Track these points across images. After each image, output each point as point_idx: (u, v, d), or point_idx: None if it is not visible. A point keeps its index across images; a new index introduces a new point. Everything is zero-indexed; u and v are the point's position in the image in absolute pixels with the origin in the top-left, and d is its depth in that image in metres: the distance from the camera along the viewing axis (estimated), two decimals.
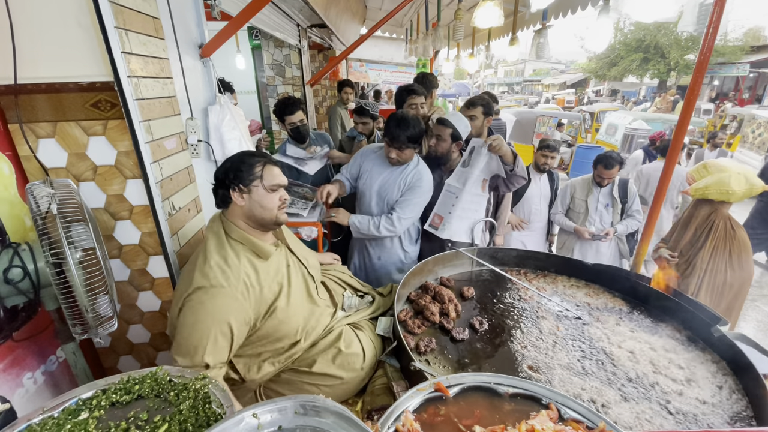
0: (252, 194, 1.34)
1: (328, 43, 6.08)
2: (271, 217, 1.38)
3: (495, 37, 5.44)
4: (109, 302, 1.27)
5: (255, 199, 1.34)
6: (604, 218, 3.15)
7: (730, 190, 2.21)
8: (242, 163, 1.34)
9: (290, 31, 4.20)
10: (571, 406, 0.80)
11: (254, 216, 1.36)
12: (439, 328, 1.58)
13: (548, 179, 3.31)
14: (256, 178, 1.34)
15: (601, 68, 22.43)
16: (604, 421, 0.75)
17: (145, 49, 1.49)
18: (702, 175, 2.33)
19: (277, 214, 1.39)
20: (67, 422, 0.75)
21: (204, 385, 0.83)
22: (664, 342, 1.48)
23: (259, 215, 1.36)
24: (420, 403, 0.81)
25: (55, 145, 1.40)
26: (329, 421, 0.69)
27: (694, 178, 2.38)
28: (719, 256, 2.38)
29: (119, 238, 1.56)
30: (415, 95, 2.66)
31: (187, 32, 1.91)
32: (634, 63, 20.00)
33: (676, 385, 1.24)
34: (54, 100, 1.35)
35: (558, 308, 1.71)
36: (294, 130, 2.67)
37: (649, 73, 20.47)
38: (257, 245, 1.35)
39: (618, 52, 20.76)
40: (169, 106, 1.66)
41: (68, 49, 1.31)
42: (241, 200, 1.34)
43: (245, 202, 1.34)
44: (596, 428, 0.75)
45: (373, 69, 10.35)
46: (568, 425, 0.73)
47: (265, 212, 1.36)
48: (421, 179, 2.15)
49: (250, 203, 1.34)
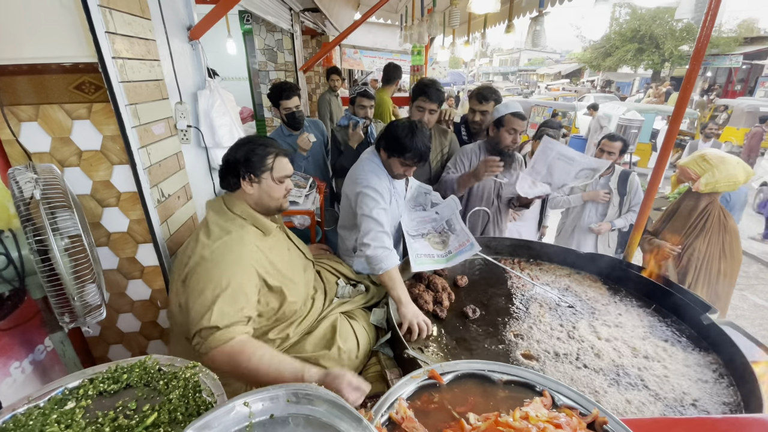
0: (261, 184, 1.37)
1: (321, 28, 5.95)
2: (277, 205, 1.43)
3: (491, 25, 5.38)
4: (97, 291, 1.24)
5: (264, 188, 1.38)
6: (599, 209, 3.14)
7: (737, 182, 2.22)
8: (254, 153, 1.35)
9: (282, 15, 4.10)
10: (564, 393, 0.80)
11: (261, 203, 1.40)
12: (433, 316, 1.58)
13: None
14: (267, 170, 1.37)
15: (596, 58, 22.34)
16: (597, 407, 0.75)
17: (131, 30, 1.43)
18: (702, 167, 2.30)
19: (282, 201, 1.44)
20: (53, 412, 0.73)
21: (194, 374, 0.81)
22: (655, 330, 1.50)
23: (266, 203, 1.41)
24: (414, 391, 0.80)
25: (38, 129, 1.35)
26: (322, 409, 0.68)
27: (695, 172, 2.35)
28: (714, 245, 2.40)
29: (107, 226, 1.53)
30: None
31: (175, 13, 1.85)
32: (629, 53, 19.96)
33: (666, 372, 1.26)
34: (36, 82, 1.30)
35: (551, 297, 1.72)
36: (289, 116, 2.62)
37: (644, 64, 20.46)
38: (260, 220, 1.39)
39: (613, 42, 20.68)
40: (157, 90, 1.61)
41: (50, 28, 1.25)
42: (250, 188, 1.37)
43: (254, 191, 1.38)
44: (589, 414, 0.75)
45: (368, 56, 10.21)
46: (561, 412, 0.73)
47: (272, 201, 1.41)
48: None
49: (259, 192, 1.38)
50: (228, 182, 1.38)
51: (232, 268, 1.22)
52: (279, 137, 2.77)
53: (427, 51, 6.48)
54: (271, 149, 1.38)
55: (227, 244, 1.26)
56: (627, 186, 3.06)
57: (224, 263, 1.22)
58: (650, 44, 19.45)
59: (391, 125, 1.76)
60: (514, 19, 4.48)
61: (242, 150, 1.35)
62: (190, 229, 1.86)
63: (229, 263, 1.22)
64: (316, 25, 5.62)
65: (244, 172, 1.34)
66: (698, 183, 2.35)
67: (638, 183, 3.07)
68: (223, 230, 1.29)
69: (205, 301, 1.16)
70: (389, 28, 9.68)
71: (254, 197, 1.38)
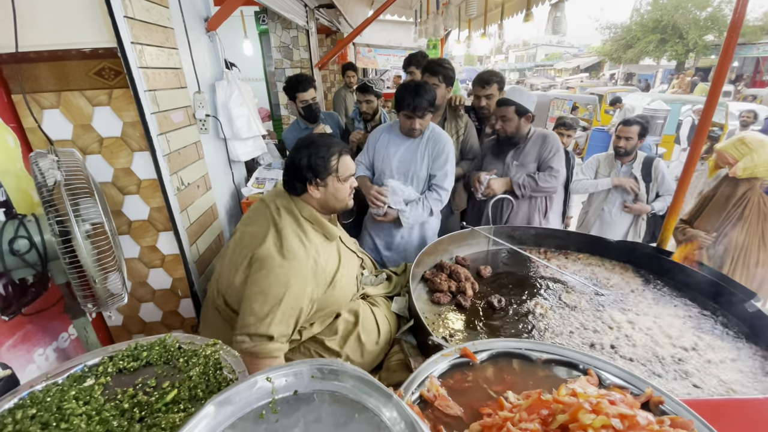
0: (328, 187, 1.35)
1: (335, 26, 5.95)
2: (342, 206, 1.41)
3: (508, 15, 5.26)
4: (120, 279, 1.24)
5: (330, 191, 1.36)
6: (624, 198, 3.02)
7: None
8: (318, 156, 1.31)
9: (298, 11, 4.10)
10: (612, 372, 0.74)
11: (327, 205, 1.38)
12: (456, 306, 1.52)
13: (564, 160, 3.18)
14: (332, 172, 1.33)
15: (616, 51, 21.69)
16: (651, 386, 0.68)
17: (149, 16, 1.43)
18: (742, 151, 2.17)
19: (348, 201, 1.42)
20: (71, 388, 0.72)
21: (215, 351, 0.78)
22: (694, 319, 1.40)
23: (333, 205, 1.39)
24: (445, 370, 0.75)
25: (60, 116, 1.36)
26: (348, 385, 0.64)
27: (733, 156, 2.22)
28: (753, 234, 2.26)
29: (128, 214, 1.53)
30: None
31: (192, 3, 1.85)
32: (651, 44, 19.30)
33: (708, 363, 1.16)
34: (57, 68, 1.30)
35: (581, 286, 1.63)
36: (306, 108, 2.61)
37: (667, 55, 19.77)
38: (327, 227, 1.37)
39: (634, 33, 20.06)
40: (175, 78, 1.61)
41: (69, 14, 1.26)
42: (317, 192, 1.35)
43: (321, 195, 1.35)
44: (642, 394, 0.68)
45: (382, 54, 10.17)
46: (612, 391, 0.66)
47: (338, 203, 1.39)
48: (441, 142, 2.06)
49: (326, 195, 1.36)
50: (294, 187, 1.35)
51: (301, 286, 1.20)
52: (295, 131, 2.76)
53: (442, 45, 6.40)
54: (333, 149, 1.34)
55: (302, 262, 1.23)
56: (652, 172, 2.94)
57: (296, 278, 1.20)
58: (673, 34, 18.77)
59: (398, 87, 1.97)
60: (532, 8, 4.36)
61: (305, 153, 1.31)
62: (210, 218, 1.86)
63: (300, 280, 1.20)
64: (330, 23, 5.62)
65: (311, 177, 1.31)
66: (736, 167, 2.22)
67: (664, 168, 2.93)
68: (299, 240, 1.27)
69: (265, 304, 1.16)
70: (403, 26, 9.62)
71: (321, 200, 1.36)
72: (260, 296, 1.17)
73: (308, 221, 1.34)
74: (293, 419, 0.61)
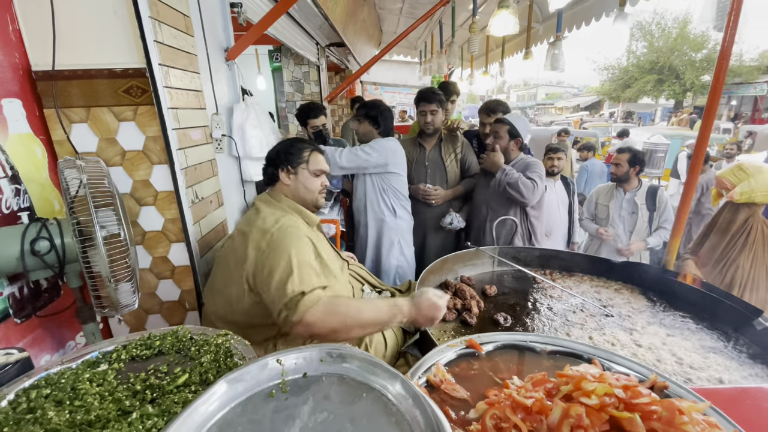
0: (298, 176, 1.48)
1: (344, 64, 6.28)
2: (312, 198, 1.51)
3: (509, 54, 5.53)
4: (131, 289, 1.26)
5: (300, 180, 1.48)
6: (627, 225, 3.04)
7: None
8: (292, 146, 1.49)
9: (310, 48, 4.36)
10: (616, 361, 0.74)
11: (298, 196, 1.49)
12: (461, 323, 1.52)
13: (563, 185, 3.24)
14: (303, 162, 1.48)
15: (614, 90, 22.39)
16: (655, 372, 0.69)
17: (176, 42, 1.55)
18: (739, 177, 2.21)
19: (317, 196, 1.53)
20: (85, 372, 0.73)
21: (226, 341, 0.80)
22: (700, 338, 1.38)
23: (303, 196, 1.49)
24: (452, 358, 0.76)
25: (87, 130, 1.45)
26: (355, 367, 0.65)
27: (731, 182, 2.26)
28: (759, 263, 2.24)
29: (143, 224, 1.58)
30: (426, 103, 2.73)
31: (215, 34, 2.00)
32: (649, 84, 19.95)
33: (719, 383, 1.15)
34: (89, 85, 1.41)
35: (586, 306, 1.63)
36: (316, 133, 2.73)
37: (665, 94, 20.35)
38: (304, 212, 1.47)
39: (631, 74, 20.77)
40: (196, 99, 1.71)
41: (104, 37, 1.37)
42: (288, 180, 1.46)
43: (291, 183, 1.47)
44: (647, 380, 0.68)
45: (388, 91, 10.60)
46: None
47: (308, 194, 1.50)
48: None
49: (296, 183, 1.48)
50: (268, 175, 1.49)
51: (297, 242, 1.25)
52: None
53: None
54: (307, 145, 1.49)
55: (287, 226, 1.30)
56: (656, 201, 2.97)
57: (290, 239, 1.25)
58: (670, 75, 19.43)
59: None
60: (531, 47, 4.60)
61: (282, 146, 1.48)
62: (220, 234, 1.90)
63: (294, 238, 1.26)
64: (340, 61, 5.93)
65: (283, 164, 1.44)
66: (733, 192, 2.25)
67: (667, 199, 2.97)
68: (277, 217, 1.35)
69: (282, 277, 1.16)
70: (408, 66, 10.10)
71: (292, 189, 1.47)
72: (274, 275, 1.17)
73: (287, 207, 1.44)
74: (302, 398, 0.63)
